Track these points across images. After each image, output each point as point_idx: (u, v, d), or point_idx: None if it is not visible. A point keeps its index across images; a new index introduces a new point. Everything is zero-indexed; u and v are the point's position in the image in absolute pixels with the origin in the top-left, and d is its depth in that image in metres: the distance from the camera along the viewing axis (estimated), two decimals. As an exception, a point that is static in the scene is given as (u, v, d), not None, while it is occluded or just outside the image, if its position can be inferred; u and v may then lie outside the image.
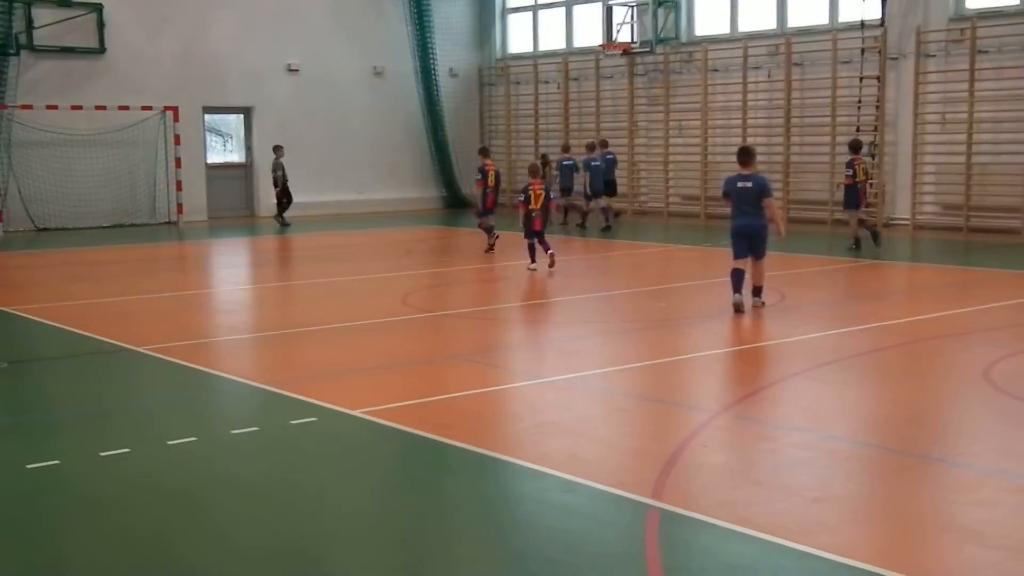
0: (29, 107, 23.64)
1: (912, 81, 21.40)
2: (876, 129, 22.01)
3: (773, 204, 13.35)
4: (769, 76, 23.97)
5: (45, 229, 23.92)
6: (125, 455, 7.51)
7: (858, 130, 22.24)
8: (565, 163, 24.16)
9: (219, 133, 28.41)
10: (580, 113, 28.19)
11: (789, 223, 22.61)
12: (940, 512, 6.40)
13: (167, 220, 25.66)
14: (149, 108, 25.18)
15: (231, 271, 19.73)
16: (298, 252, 20.78)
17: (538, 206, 16.70)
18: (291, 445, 7.89)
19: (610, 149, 24.38)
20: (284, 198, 24.95)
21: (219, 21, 26.17)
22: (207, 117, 27.05)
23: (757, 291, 13.18)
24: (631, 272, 17.97)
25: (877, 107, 21.98)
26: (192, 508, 6.61)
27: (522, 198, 16.93)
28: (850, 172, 18.84)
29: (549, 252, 16.59)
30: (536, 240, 16.74)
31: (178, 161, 25.54)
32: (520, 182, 29.07)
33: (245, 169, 27.62)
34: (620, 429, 8.41)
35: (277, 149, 25.14)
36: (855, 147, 19.15)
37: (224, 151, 28.49)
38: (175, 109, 25.41)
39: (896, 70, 21.82)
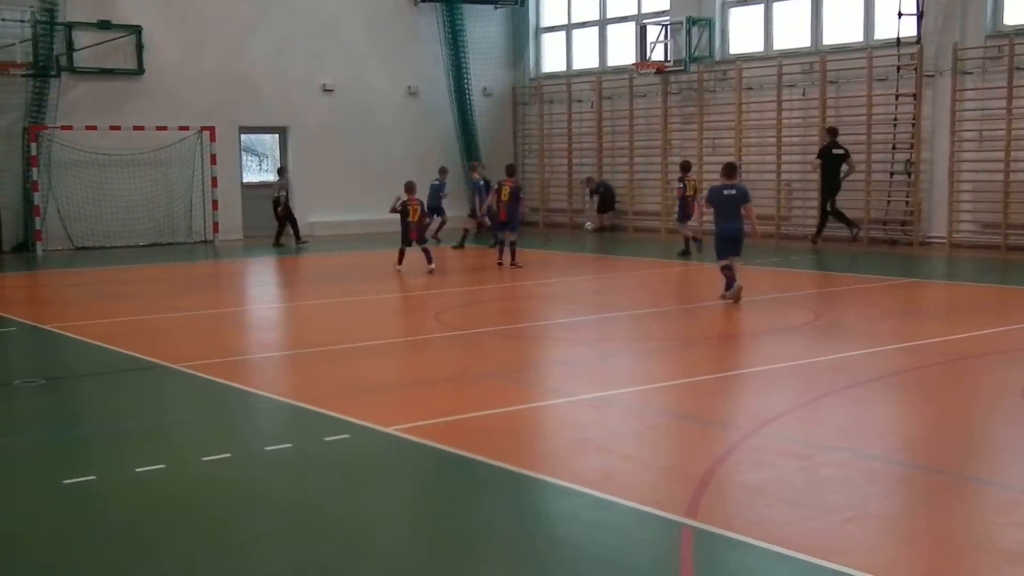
0: (69, 128, 23.91)
1: (949, 98, 21.27)
2: (912, 147, 21.90)
3: (752, 209, 15.07)
4: (804, 94, 23.90)
5: (83, 248, 24.14)
6: (160, 471, 7.56)
7: (894, 148, 22.16)
8: (481, 183, 24.28)
9: (255, 153, 28.64)
10: (613, 132, 28.19)
11: (824, 241, 22.64)
12: (978, 532, 6.33)
13: (203, 239, 25.85)
14: (186, 128, 25.40)
15: (266, 289, 19.84)
16: (332, 270, 20.87)
17: (415, 219, 19.20)
18: (324, 462, 7.92)
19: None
20: (286, 220, 24.96)
21: (255, 42, 26.39)
22: (243, 137, 27.28)
23: (732, 283, 14.75)
24: (665, 290, 17.93)
25: (913, 125, 21.88)
26: (226, 524, 6.65)
27: (399, 209, 19.22)
28: (681, 186, 21.25)
29: (430, 265, 19.04)
30: (411, 247, 19.25)
31: (214, 180, 25.74)
32: (555, 202, 29.25)
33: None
34: (654, 447, 8.39)
35: (281, 172, 25.38)
36: (686, 167, 21.77)
37: (259, 171, 28.72)
38: (212, 129, 25.61)
39: (932, 87, 21.70)
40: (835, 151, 22.21)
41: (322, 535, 6.42)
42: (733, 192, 14.96)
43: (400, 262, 19.24)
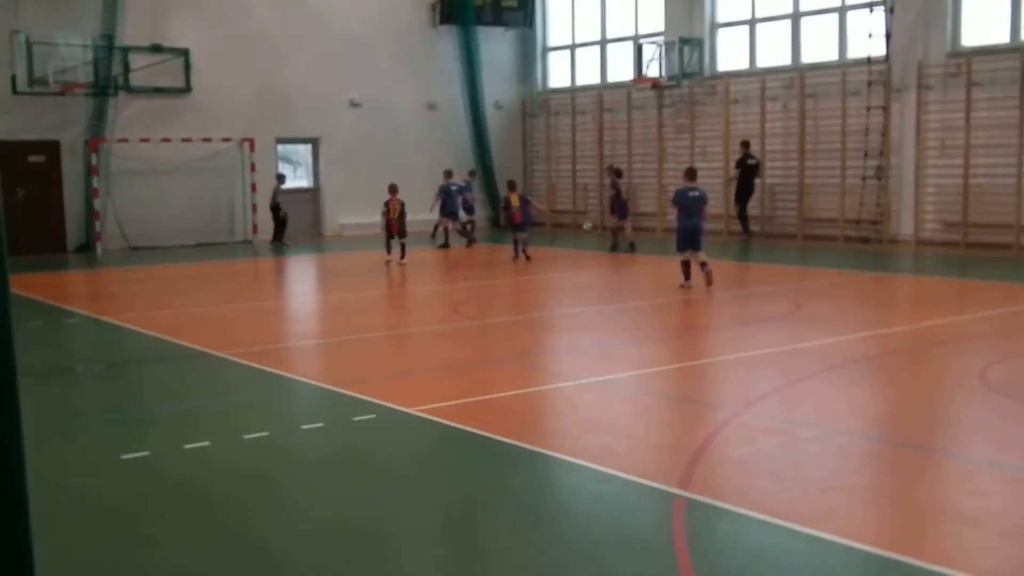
0: (125, 141, 23.96)
1: (914, 111, 21.19)
2: (882, 154, 21.84)
3: (707, 208, 16.07)
4: (785, 107, 23.82)
5: (137, 248, 24.18)
6: (206, 448, 7.59)
7: (866, 155, 22.09)
8: (452, 187, 23.96)
9: (290, 161, 28.61)
10: (613, 141, 28.10)
11: (804, 240, 22.66)
12: (940, 500, 6.34)
13: (244, 239, 25.87)
14: (228, 140, 25.44)
15: (300, 284, 19.88)
16: (359, 266, 20.88)
17: (395, 215, 20.18)
18: (353, 440, 7.95)
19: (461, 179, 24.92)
20: (281, 224, 25.00)
21: (290, 61, 26.38)
22: (279, 147, 27.25)
23: (705, 264, 15.41)
24: (659, 283, 17.88)
25: (883, 134, 21.81)
26: (265, 494, 6.68)
27: (384, 211, 20.31)
28: (613, 191, 21.84)
29: (402, 256, 19.99)
30: (396, 239, 20.11)
31: (254, 186, 25.75)
32: (561, 203, 29.22)
33: (312, 193, 27.78)
34: (650, 426, 8.40)
35: (281, 178, 25.39)
36: (618, 172, 22.13)
37: (294, 177, 28.63)
38: (251, 140, 25.66)
39: (900, 101, 21.62)
40: (749, 161, 23.54)
41: (350, 505, 6.44)
42: (697, 194, 15.79)
43: (389, 253, 20.25)
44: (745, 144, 23.69)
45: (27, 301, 15.37)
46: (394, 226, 20.17)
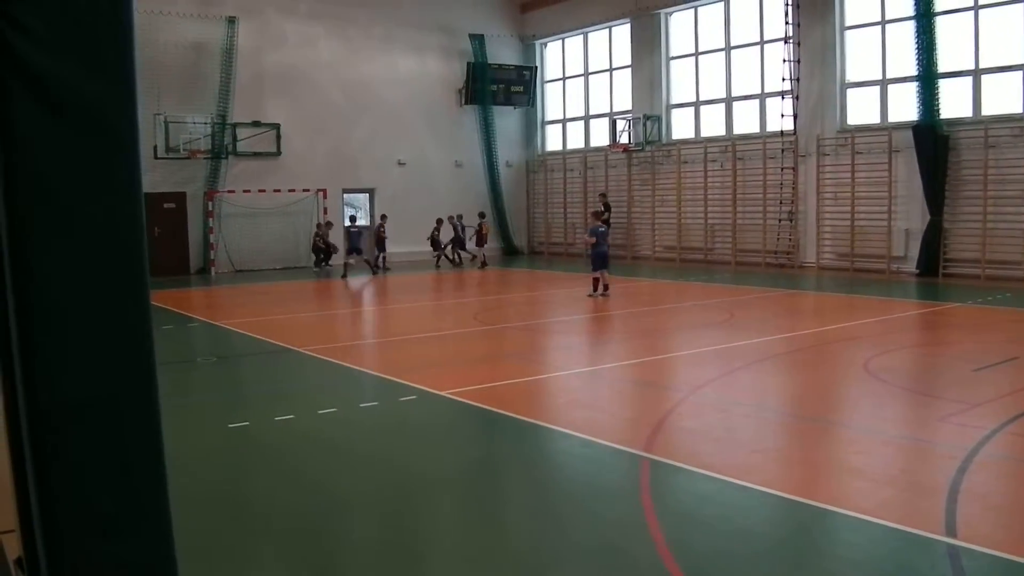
0: (232, 192, 24.03)
1: (815, 171, 21.21)
2: (792, 202, 21.84)
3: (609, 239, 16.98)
4: (721, 167, 23.80)
5: (241, 271, 24.21)
6: (291, 419, 7.61)
7: (781, 203, 22.08)
8: (352, 230, 23.50)
9: (352, 206, 28.61)
10: (594, 192, 28.04)
11: (736, 265, 22.60)
12: (833, 458, 6.34)
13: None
14: (308, 190, 25.47)
15: (358, 298, 19.86)
16: (401, 286, 20.90)
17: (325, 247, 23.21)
18: (399, 414, 7.94)
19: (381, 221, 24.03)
20: (322, 255, 24.67)
21: (353, 131, 26.44)
22: (345, 195, 27.28)
23: (607, 287, 16.31)
24: (633, 299, 17.86)
25: (793, 188, 21.81)
26: (335, 453, 6.69)
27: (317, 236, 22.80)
28: (477, 227, 24.58)
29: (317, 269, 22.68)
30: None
31: (329, 224, 25.71)
32: (555, 236, 29.19)
33: (369, 230, 27.66)
34: (623, 404, 8.39)
35: (329, 224, 24.83)
36: (482, 216, 24.73)
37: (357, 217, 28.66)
38: (324, 190, 25.68)
39: (804, 164, 21.62)
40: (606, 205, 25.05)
41: (397, 460, 6.45)
42: (603, 229, 16.67)
43: (318, 266, 23.62)
44: (603, 195, 25.20)
45: (161, 310, 15.40)
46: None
